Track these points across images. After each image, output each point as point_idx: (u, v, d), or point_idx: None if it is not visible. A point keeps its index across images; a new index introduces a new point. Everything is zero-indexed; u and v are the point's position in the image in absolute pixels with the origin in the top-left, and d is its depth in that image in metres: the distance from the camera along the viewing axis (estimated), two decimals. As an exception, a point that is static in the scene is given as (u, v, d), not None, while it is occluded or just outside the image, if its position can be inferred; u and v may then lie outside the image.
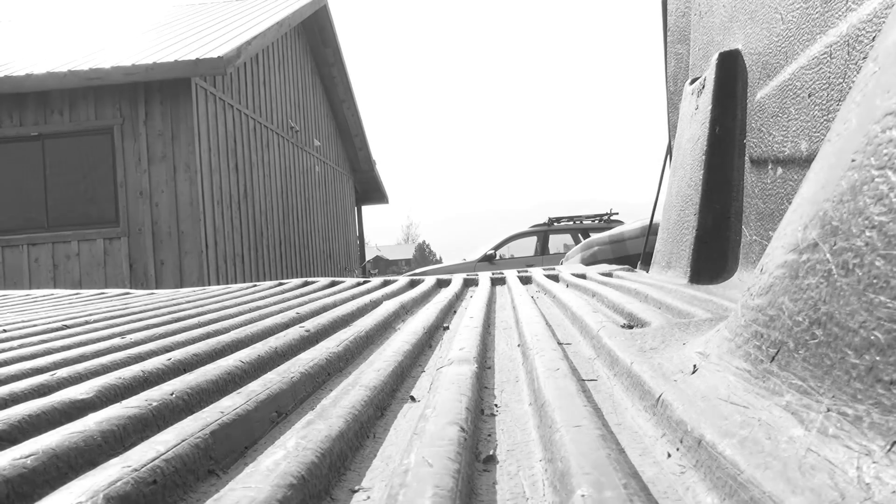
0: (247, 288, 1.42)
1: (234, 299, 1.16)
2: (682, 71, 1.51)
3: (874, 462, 0.24)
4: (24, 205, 6.79)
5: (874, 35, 0.64)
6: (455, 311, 0.94)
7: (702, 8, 1.32)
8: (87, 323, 0.95)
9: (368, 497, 0.31)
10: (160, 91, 6.56)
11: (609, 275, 1.39)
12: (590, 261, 2.87)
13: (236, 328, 0.72)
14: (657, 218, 2.17)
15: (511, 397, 0.47)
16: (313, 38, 10.25)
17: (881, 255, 0.27)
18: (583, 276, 1.37)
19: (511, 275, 1.49)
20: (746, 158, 1.05)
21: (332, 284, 1.41)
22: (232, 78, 7.25)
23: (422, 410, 0.37)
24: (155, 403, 0.39)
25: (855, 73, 0.68)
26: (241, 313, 0.92)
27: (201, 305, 1.07)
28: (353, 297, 1.00)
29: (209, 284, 6.20)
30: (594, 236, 3.28)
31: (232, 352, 0.58)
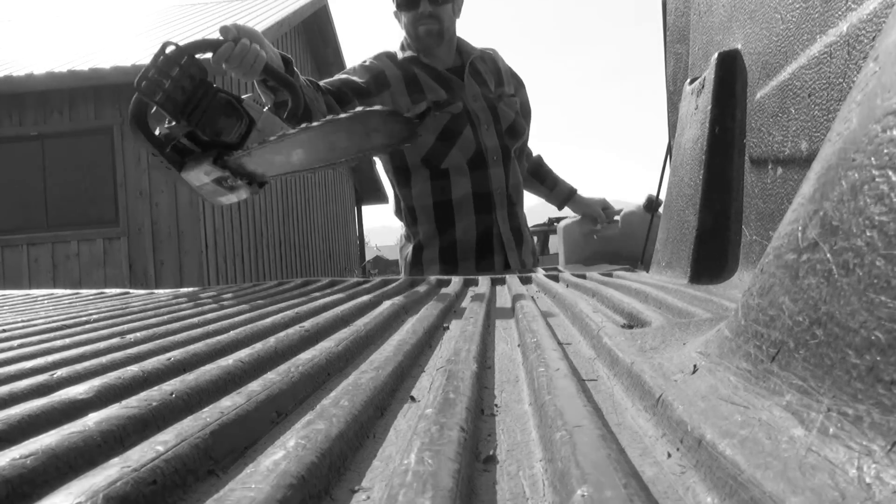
0: (246, 288, 1.42)
1: (234, 299, 1.16)
2: (682, 70, 1.52)
3: (875, 462, 0.24)
4: (23, 205, 6.79)
5: (874, 35, 0.64)
6: (455, 311, 0.94)
7: (701, 7, 1.32)
8: (86, 323, 0.95)
9: (368, 497, 0.31)
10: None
11: (609, 275, 1.40)
12: None
13: (236, 328, 0.72)
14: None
15: (511, 397, 0.47)
16: (313, 38, 10.25)
17: (882, 254, 0.27)
18: (583, 276, 1.37)
19: (511, 275, 1.49)
20: (746, 158, 1.05)
21: (332, 284, 1.40)
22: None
23: (422, 410, 0.37)
24: (155, 403, 0.39)
25: (855, 72, 0.68)
26: (240, 313, 0.92)
27: (201, 305, 1.07)
28: (353, 297, 1.00)
29: (209, 284, 6.21)
30: None
31: (232, 351, 0.58)
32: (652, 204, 2.24)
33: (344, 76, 1.85)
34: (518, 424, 0.40)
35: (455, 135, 1.87)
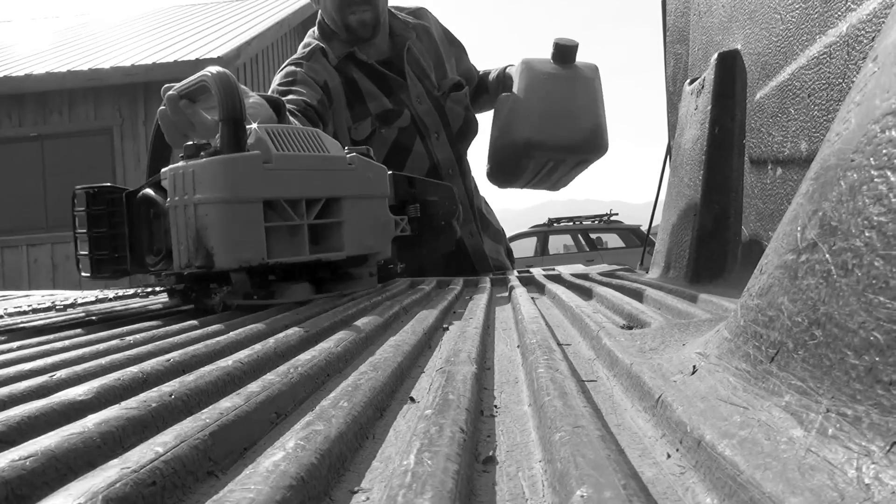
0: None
1: (234, 300, 1.15)
2: (682, 71, 1.52)
3: (873, 463, 0.24)
4: (23, 205, 6.79)
5: (874, 35, 0.64)
6: (455, 312, 0.94)
7: (701, 8, 1.32)
8: (86, 324, 0.95)
9: (368, 498, 0.31)
10: (160, 91, 6.54)
11: (609, 275, 1.40)
12: None
13: (235, 328, 0.72)
14: (657, 218, 2.03)
15: (510, 398, 0.47)
16: (313, 39, 10.23)
17: (880, 255, 0.27)
18: (583, 277, 1.37)
19: (511, 275, 1.49)
20: (746, 159, 1.05)
21: (332, 285, 1.40)
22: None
23: (421, 411, 0.37)
24: (154, 405, 0.39)
25: (854, 73, 0.68)
26: (240, 314, 0.92)
27: (201, 306, 1.07)
28: (353, 298, 1.00)
29: (209, 285, 6.17)
30: None
31: (231, 353, 0.58)
32: (565, 52, 1.55)
33: (299, 96, 1.43)
34: (517, 425, 0.40)
35: (405, 152, 1.59)
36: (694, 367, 0.43)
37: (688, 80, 1.34)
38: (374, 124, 1.57)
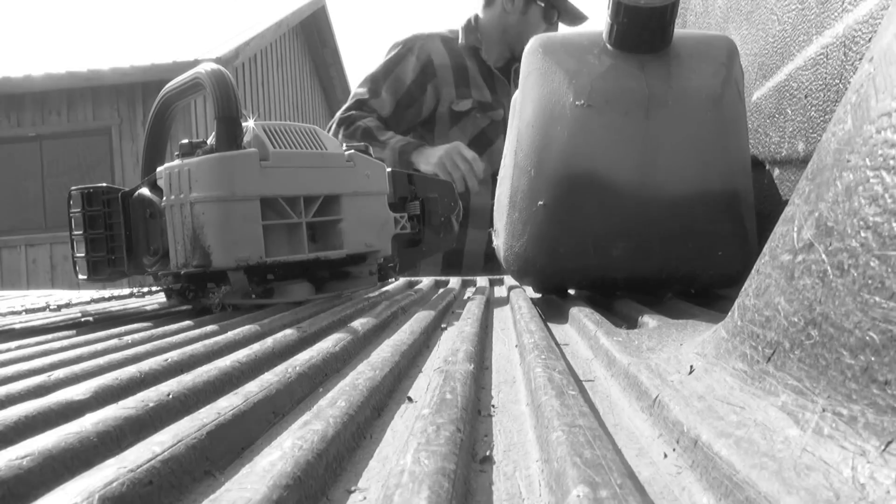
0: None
1: (232, 300, 1.15)
2: (680, 72, 1.51)
3: (869, 462, 0.24)
4: (21, 205, 6.78)
5: (870, 36, 0.64)
6: (453, 312, 0.94)
7: (698, 9, 1.32)
8: (84, 324, 0.95)
9: (365, 497, 0.31)
10: (158, 91, 6.53)
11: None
12: None
13: (233, 328, 0.72)
14: None
15: (508, 398, 0.47)
16: (312, 39, 10.23)
17: (876, 255, 0.28)
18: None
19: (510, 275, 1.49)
20: (744, 159, 1.05)
21: (330, 285, 1.40)
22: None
23: (419, 411, 0.37)
24: (151, 404, 0.39)
25: (851, 73, 0.68)
26: (238, 313, 0.92)
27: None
28: (351, 299, 1.00)
29: (207, 285, 6.15)
30: None
31: (229, 352, 0.58)
32: (639, 19, 0.72)
33: (390, 94, 1.71)
34: (515, 425, 0.40)
35: (488, 143, 1.76)
36: (691, 366, 0.43)
37: (686, 81, 1.33)
38: (473, 105, 1.79)
